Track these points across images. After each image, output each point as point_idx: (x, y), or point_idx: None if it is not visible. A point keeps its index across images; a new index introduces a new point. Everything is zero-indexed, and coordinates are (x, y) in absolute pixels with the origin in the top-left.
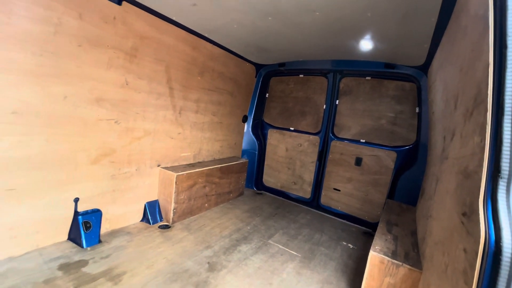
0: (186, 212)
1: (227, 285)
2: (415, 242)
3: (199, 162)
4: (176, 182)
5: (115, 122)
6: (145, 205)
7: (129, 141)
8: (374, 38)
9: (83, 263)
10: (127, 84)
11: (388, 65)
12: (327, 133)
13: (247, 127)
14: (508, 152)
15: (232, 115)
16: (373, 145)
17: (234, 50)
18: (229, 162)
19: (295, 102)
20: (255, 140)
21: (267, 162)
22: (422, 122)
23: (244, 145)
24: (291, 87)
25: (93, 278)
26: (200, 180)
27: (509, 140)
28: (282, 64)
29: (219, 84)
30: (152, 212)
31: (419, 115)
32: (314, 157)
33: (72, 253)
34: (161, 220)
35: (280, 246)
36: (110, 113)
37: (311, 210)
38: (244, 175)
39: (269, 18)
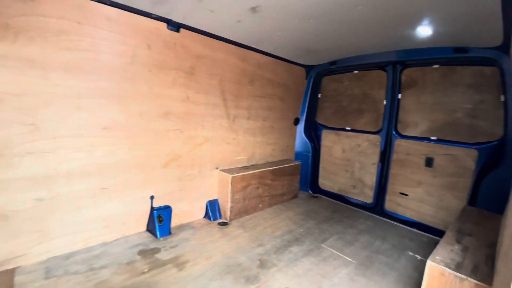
0: (241, 211)
1: (276, 282)
2: (491, 255)
3: (252, 165)
4: (231, 183)
5: (180, 131)
6: (206, 203)
7: (192, 147)
8: (435, 22)
9: (156, 250)
10: (188, 99)
11: (459, 49)
12: (389, 131)
13: (299, 130)
14: None
15: (283, 119)
16: (447, 142)
17: (281, 56)
18: (281, 165)
19: (350, 100)
20: (308, 142)
21: (322, 164)
22: (510, 113)
23: (297, 148)
24: (346, 85)
25: (163, 263)
26: (253, 181)
27: None
28: (333, 63)
29: (268, 90)
30: (212, 210)
31: (506, 104)
32: (375, 158)
33: (149, 241)
34: (220, 218)
35: (334, 251)
36: (176, 124)
37: (373, 216)
38: (298, 178)
39: (311, 20)
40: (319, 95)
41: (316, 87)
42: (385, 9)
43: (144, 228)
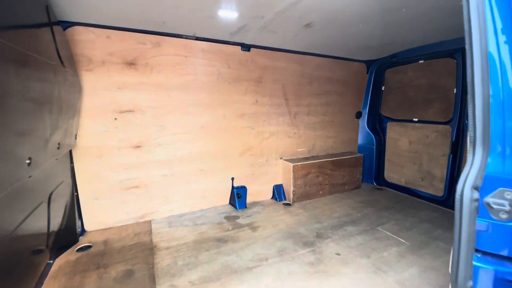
0: (303, 196)
1: (329, 249)
2: None
3: (312, 156)
4: (293, 171)
5: (251, 128)
6: (273, 187)
7: (260, 141)
8: None
9: (237, 217)
10: (256, 102)
11: None
12: (461, 121)
13: (362, 123)
14: None
15: (343, 113)
16: None
17: (338, 55)
18: (341, 156)
19: (417, 90)
20: (372, 135)
21: (387, 157)
22: None
23: (361, 141)
24: (410, 75)
25: (242, 226)
26: (313, 170)
27: None
28: (393, 56)
29: (327, 88)
30: (278, 192)
31: None
32: (446, 149)
33: (231, 211)
34: (284, 199)
35: (389, 233)
36: (248, 123)
37: (441, 209)
38: (360, 169)
39: (360, 25)
40: (383, 88)
41: (378, 80)
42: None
43: (227, 201)
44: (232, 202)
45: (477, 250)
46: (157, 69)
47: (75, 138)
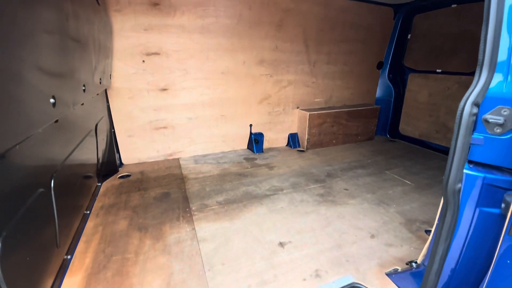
0: (316, 143)
1: (337, 185)
2: None
3: (329, 107)
4: (308, 119)
5: (270, 76)
6: (288, 135)
7: (279, 89)
8: None
9: (254, 159)
10: (276, 48)
11: None
12: None
13: (382, 74)
14: None
15: (364, 63)
16: None
17: None
18: (357, 107)
19: (445, 39)
20: (391, 87)
21: (405, 109)
22: None
23: (379, 93)
24: (441, 22)
25: (259, 165)
26: (328, 119)
27: None
28: None
29: (349, 35)
30: (293, 140)
31: None
32: None
33: (249, 154)
34: (299, 147)
35: (395, 176)
36: (267, 70)
37: None
38: (375, 121)
39: None
40: (409, 36)
41: (405, 27)
42: None
43: (245, 146)
44: (250, 147)
45: (469, 162)
46: (181, 10)
47: (110, 78)
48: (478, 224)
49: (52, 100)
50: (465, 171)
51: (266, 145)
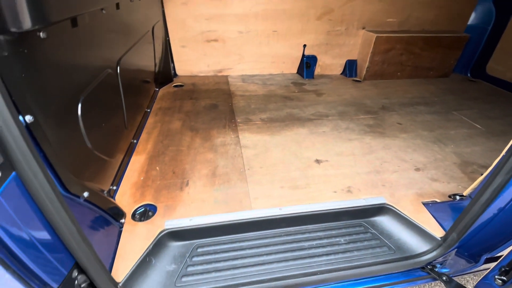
0: (377, 74)
1: (391, 119)
2: None
3: (403, 30)
4: (374, 43)
5: None
6: (346, 61)
7: (344, 2)
8: None
9: (303, 84)
10: None
11: None
12: None
13: None
14: None
15: None
16: None
17: None
18: (438, 34)
19: None
20: (493, 10)
21: (502, 43)
22: None
23: (473, 18)
24: None
25: (307, 91)
26: (398, 46)
27: None
28: None
29: None
30: (350, 68)
31: None
32: None
33: (298, 79)
34: (355, 76)
35: (464, 118)
36: None
37: None
38: (457, 54)
39: None
40: None
41: None
42: None
43: (295, 70)
44: (300, 72)
45: None
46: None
47: None
48: None
49: None
50: None
51: (318, 71)
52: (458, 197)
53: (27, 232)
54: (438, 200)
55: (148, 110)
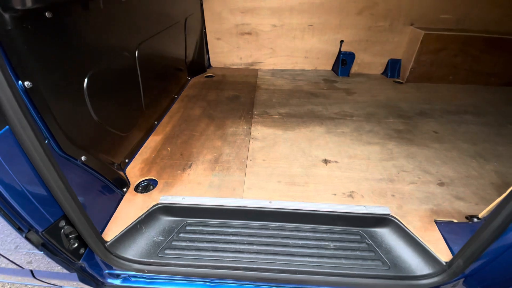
0: (423, 77)
1: (426, 125)
2: None
3: (460, 29)
4: (422, 41)
5: None
6: (388, 61)
7: None
8: None
9: (334, 82)
10: None
11: None
12: None
13: None
14: None
15: None
16: None
17: None
18: (503, 35)
19: None
20: None
21: None
22: None
23: None
24: None
25: (337, 89)
26: (452, 46)
27: None
28: None
29: None
30: (392, 68)
31: None
32: None
33: (331, 76)
34: (397, 77)
35: None
36: None
37: None
38: None
39: None
40: None
41: None
42: None
43: (330, 67)
44: (335, 68)
45: None
46: None
47: None
48: None
49: None
50: None
51: (355, 69)
52: (475, 219)
53: (17, 180)
54: (456, 221)
55: (176, 97)
